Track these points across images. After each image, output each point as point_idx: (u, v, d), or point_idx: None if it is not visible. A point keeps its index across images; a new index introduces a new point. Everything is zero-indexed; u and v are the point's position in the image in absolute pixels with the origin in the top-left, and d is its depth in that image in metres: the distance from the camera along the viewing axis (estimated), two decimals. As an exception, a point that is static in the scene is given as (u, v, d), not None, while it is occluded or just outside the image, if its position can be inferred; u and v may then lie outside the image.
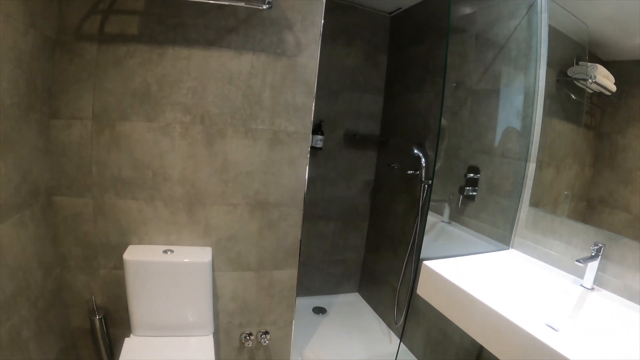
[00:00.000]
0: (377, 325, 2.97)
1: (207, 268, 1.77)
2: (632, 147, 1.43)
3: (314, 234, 3.08)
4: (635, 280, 1.33)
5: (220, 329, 2.03)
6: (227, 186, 1.87)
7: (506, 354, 1.18)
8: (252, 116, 1.83)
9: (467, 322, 1.35)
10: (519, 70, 1.85)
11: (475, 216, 2.00)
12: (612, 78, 1.48)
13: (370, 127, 3.08)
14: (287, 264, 2.08)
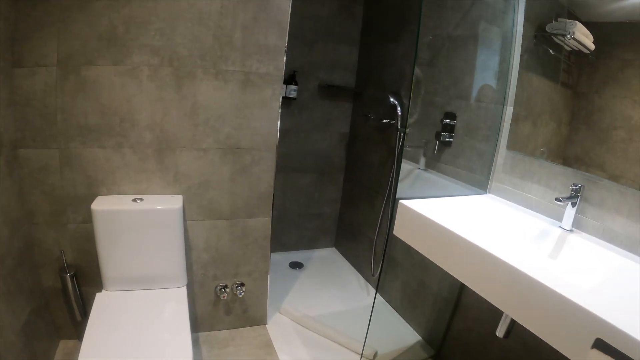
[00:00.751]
0: (354, 279, 3.17)
1: (177, 215, 1.86)
2: (608, 107, 1.55)
3: (288, 187, 3.22)
4: (614, 222, 1.49)
5: (195, 282, 2.16)
6: (198, 130, 1.95)
7: (487, 289, 1.29)
8: (222, 57, 1.90)
9: (445, 259, 1.46)
10: (496, 15, 1.96)
11: (451, 162, 2.15)
12: (590, 36, 1.59)
13: (345, 79, 3.19)
14: (260, 211, 2.20)
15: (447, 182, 2.17)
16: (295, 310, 2.57)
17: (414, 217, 1.59)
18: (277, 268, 3.11)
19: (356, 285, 3.09)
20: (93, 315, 1.63)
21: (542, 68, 1.84)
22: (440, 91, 2.24)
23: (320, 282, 3.06)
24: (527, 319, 1.14)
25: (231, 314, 2.33)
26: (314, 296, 2.85)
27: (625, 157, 1.48)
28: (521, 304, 1.16)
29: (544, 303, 1.07)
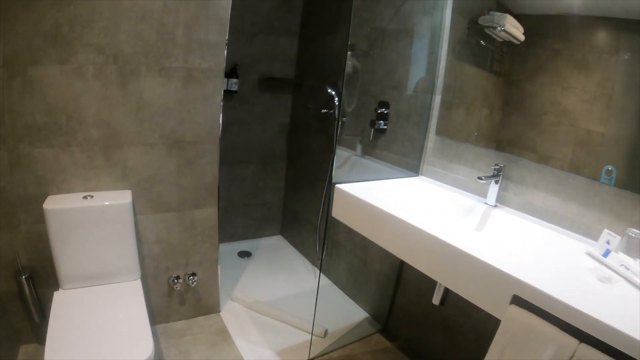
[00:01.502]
0: (301, 264, 3.31)
1: (127, 209, 1.92)
2: (539, 94, 1.70)
3: (233, 178, 3.29)
4: (534, 196, 1.69)
5: (148, 275, 2.21)
6: (143, 126, 2.00)
7: (417, 259, 1.45)
8: (165, 54, 1.96)
9: (379, 236, 1.61)
10: (427, 10, 2.12)
11: (386, 147, 2.32)
12: (521, 28, 1.74)
13: (285, 70, 3.29)
14: (207, 202, 2.28)
15: (382, 167, 2.33)
16: (247, 297, 2.67)
17: (350, 199, 1.72)
18: (227, 258, 3.19)
19: (303, 270, 3.24)
20: (53, 316, 1.65)
21: (475, 58, 1.99)
22: (375, 81, 2.39)
23: (269, 268, 3.18)
24: (455, 285, 1.30)
25: (185, 304, 2.40)
26: (263, 282, 2.97)
27: (554, 139, 1.64)
28: (449, 272, 1.31)
29: (468, 269, 1.23)
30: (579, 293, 1.06)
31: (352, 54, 2.35)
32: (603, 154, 1.50)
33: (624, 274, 1.20)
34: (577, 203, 1.55)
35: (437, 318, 2.19)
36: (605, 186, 1.46)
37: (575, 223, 1.55)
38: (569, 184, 1.57)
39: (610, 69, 1.48)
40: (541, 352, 1.04)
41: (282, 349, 2.29)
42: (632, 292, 1.13)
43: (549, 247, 1.43)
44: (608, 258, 1.27)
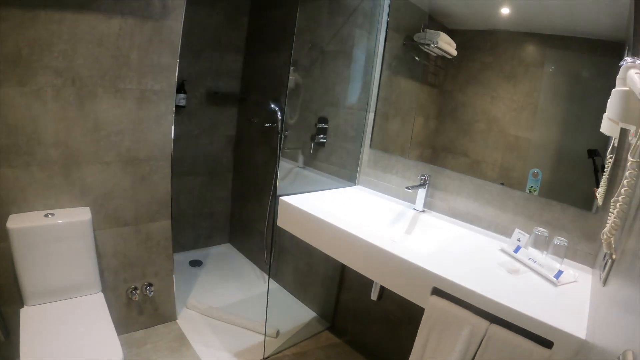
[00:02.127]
0: (250, 270, 3.46)
1: (87, 226, 2.00)
2: (470, 103, 1.88)
3: (182, 189, 3.38)
4: (456, 201, 1.92)
5: (107, 287, 2.27)
6: (100, 145, 2.08)
7: (353, 261, 1.63)
8: (120, 77, 2.06)
9: (320, 242, 1.78)
10: (363, 35, 2.32)
11: (326, 160, 2.51)
12: (453, 44, 1.93)
13: (230, 85, 3.44)
14: (161, 215, 2.39)
15: (322, 178, 2.52)
16: (201, 304, 2.79)
17: (293, 210, 1.89)
18: (179, 267, 3.28)
19: (253, 275, 3.38)
20: (23, 333, 1.69)
21: (410, 72, 2.17)
22: (315, 98, 2.58)
23: (220, 276, 3.30)
24: (386, 281, 1.52)
25: (144, 314, 2.48)
26: (216, 290, 3.08)
27: (485, 144, 1.83)
28: (380, 270, 1.52)
29: (396, 267, 1.44)
30: (489, 283, 1.29)
31: (294, 69, 2.53)
32: (530, 158, 1.70)
33: (531, 266, 1.45)
34: (493, 206, 1.80)
35: (378, 313, 2.41)
36: (517, 191, 1.70)
37: (492, 224, 1.80)
38: (486, 190, 1.81)
39: (536, 80, 1.67)
40: (459, 332, 1.26)
41: (239, 350, 2.43)
42: (536, 280, 1.37)
43: (467, 245, 1.67)
44: (518, 253, 1.52)
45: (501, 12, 1.79)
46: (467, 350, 1.24)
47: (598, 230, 1.47)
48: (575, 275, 1.40)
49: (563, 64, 1.63)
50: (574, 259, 1.55)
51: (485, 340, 1.20)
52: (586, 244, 1.52)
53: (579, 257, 1.54)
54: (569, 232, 1.56)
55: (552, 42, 1.64)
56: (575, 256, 1.55)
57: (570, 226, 1.56)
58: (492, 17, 1.81)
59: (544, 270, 1.40)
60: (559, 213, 1.59)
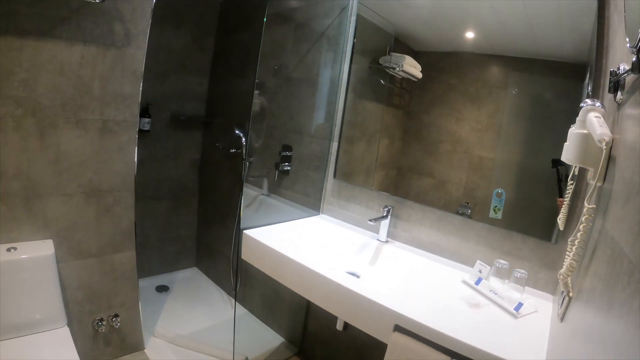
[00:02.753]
0: (218, 295, 3.42)
1: (50, 259, 1.95)
2: (435, 124, 1.92)
3: (147, 214, 3.32)
4: (419, 232, 1.95)
5: (73, 319, 2.21)
6: (62, 176, 2.04)
7: (315, 297, 1.64)
8: (82, 107, 2.03)
9: (283, 277, 1.78)
10: (327, 63, 2.35)
11: (290, 187, 2.52)
12: (418, 67, 1.96)
13: (196, 108, 3.42)
14: (125, 246, 2.35)
15: (286, 206, 2.53)
16: (168, 332, 2.74)
17: (257, 244, 1.88)
18: (145, 293, 3.22)
19: (220, 301, 3.34)
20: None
21: (376, 94, 2.20)
22: (279, 125, 2.60)
23: (187, 302, 3.25)
24: (349, 317, 1.52)
25: (111, 345, 2.42)
26: (183, 316, 3.04)
27: (450, 165, 1.87)
28: (343, 306, 1.52)
29: (358, 304, 1.45)
30: (450, 319, 1.33)
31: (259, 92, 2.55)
32: (494, 177, 1.75)
33: (492, 298, 1.50)
34: (456, 237, 1.84)
35: (345, 339, 2.42)
36: (479, 222, 1.75)
37: (455, 254, 1.84)
38: (448, 221, 1.86)
39: (499, 101, 1.73)
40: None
41: (208, 379, 2.40)
42: (496, 313, 1.42)
43: (429, 277, 1.70)
44: (479, 285, 1.57)
45: (466, 35, 1.84)
46: None
47: (558, 259, 1.54)
48: (536, 305, 1.45)
49: (526, 85, 1.69)
50: (536, 287, 1.60)
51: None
52: (547, 272, 1.58)
53: (540, 285, 1.60)
54: (530, 262, 1.62)
55: (516, 64, 1.70)
56: (536, 284, 1.60)
57: (531, 256, 1.62)
58: (457, 39, 1.86)
59: (504, 303, 1.44)
60: (519, 243, 1.65)
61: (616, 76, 0.91)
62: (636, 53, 0.74)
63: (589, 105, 0.98)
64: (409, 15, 2.07)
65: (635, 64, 0.74)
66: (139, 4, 2.08)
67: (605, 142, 0.84)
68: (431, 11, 1.98)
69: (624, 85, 0.92)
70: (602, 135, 0.85)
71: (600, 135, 0.85)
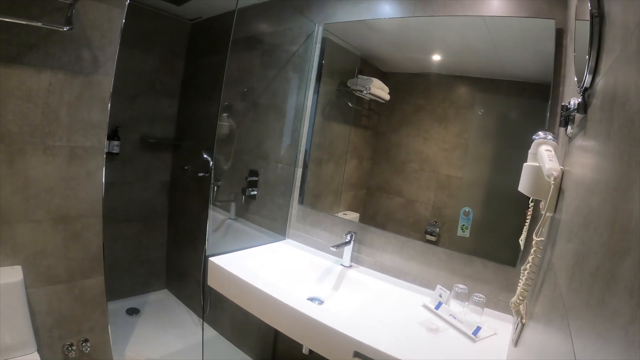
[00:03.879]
0: (188, 318, 3.44)
1: (19, 287, 1.96)
2: (403, 144, 1.97)
3: (117, 237, 3.34)
4: (382, 257, 2.01)
5: (43, 345, 2.20)
6: (30, 203, 2.05)
7: (279, 324, 1.67)
8: (50, 134, 2.05)
9: (247, 303, 1.80)
10: (293, 90, 2.42)
11: (257, 212, 2.58)
12: (386, 89, 2.02)
13: (165, 130, 3.46)
14: (94, 271, 2.36)
15: (253, 231, 2.57)
16: (139, 356, 2.75)
17: (222, 271, 1.91)
18: (115, 316, 3.22)
19: (191, 323, 3.37)
20: None
21: (344, 116, 2.25)
22: (247, 150, 2.65)
23: (158, 324, 3.26)
24: (310, 343, 1.57)
25: (80, 371, 2.42)
26: (154, 339, 3.04)
27: (418, 184, 1.92)
28: (305, 333, 1.57)
29: (318, 331, 1.49)
30: (409, 345, 1.38)
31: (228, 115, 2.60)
32: (462, 195, 1.81)
33: (451, 322, 1.56)
34: (417, 262, 1.91)
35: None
36: (439, 248, 1.82)
37: (417, 278, 1.91)
38: (410, 246, 1.93)
39: (467, 122, 1.79)
40: None
41: (178, 404, 2.41)
42: (455, 337, 1.48)
43: (391, 302, 1.75)
44: (439, 310, 1.63)
45: (433, 57, 1.92)
46: None
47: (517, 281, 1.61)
48: (495, 328, 1.52)
49: (492, 105, 1.76)
50: (496, 309, 1.68)
51: None
52: (507, 295, 1.66)
53: (501, 307, 1.67)
54: (490, 285, 1.69)
55: (482, 84, 1.77)
56: (497, 306, 1.68)
57: (491, 279, 1.70)
58: (424, 61, 1.93)
59: (463, 327, 1.50)
60: (480, 267, 1.73)
61: (567, 111, 0.95)
62: (582, 94, 0.80)
63: (540, 138, 1.03)
64: (377, 38, 2.14)
65: (581, 104, 0.80)
66: (107, 31, 2.12)
67: (554, 177, 0.88)
68: (398, 35, 2.05)
69: (574, 119, 0.95)
70: (550, 170, 0.90)
71: (549, 170, 0.90)
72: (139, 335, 3.07)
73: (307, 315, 1.51)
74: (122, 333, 3.02)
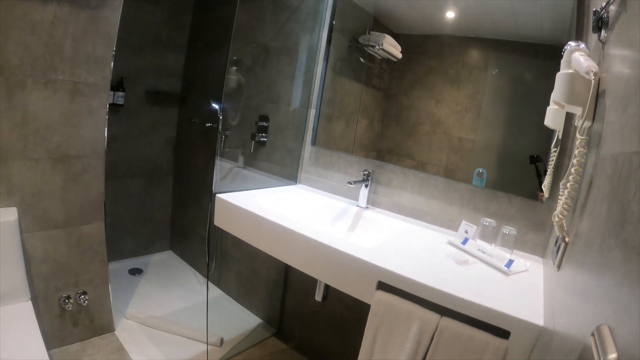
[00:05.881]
0: (193, 277, 3.38)
1: (14, 227, 1.89)
2: (415, 106, 1.93)
3: (119, 194, 3.27)
4: (401, 197, 1.95)
5: (38, 297, 2.14)
6: (28, 140, 1.97)
7: (293, 259, 1.59)
8: (52, 67, 1.96)
9: (257, 239, 1.73)
10: (305, 32, 2.33)
11: (266, 159, 2.51)
12: (398, 47, 1.97)
13: (171, 84, 3.37)
14: (93, 217, 2.29)
15: (263, 177, 2.51)
16: (141, 313, 2.68)
17: (230, 207, 1.84)
18: (117, 276, 3.16)
19: (195, 283, 3.30)
20: None
21: (355, 73, 2.20)
22: (256, 96, 2.58)
23: (161, 284, 3.20)
24: (329, 278, 1.48)
25: (79, 325, 2.35)
26: (156, 298, 2.98)
27: (430, 146, 1.88)
28: (322, 267, 1.49)
29: (338, 263, 1.41)
30: (437, 274, 1.29)
31: (237, 69, 2.52)
32: (474, 158, 1.76)
33: (480, 257, 1.47)
34: (439, 200, 1.83)
35: (324, 315, 2.40)
36: (462, 184, 1.75)
37: (438, 218, 1.84)
38: (431, 184, 1.86)
39: (479, 83, 1.74)
40: (408, 329, 1.24)
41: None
42: (486, 270, 1.39)
43: (413, 239, 1.67)
44: (467, 245, 1.55)
45: (446, 17, 1.85)
46: (419, 347, 1.22)
47: (546, 219, 1.53)
48: (526, 265, 1.43)
49: (506, 67, 1.71)
50: (524, 250, 1.59)
51: (437, 335, 1.18)
52: (535, 235, 1.57)
53: (529, 248, 1.59)
54: (517, 223, 1.60)
55: (496, 46, 1.71)
56: (524, 247, 1.59)
57: (518, 216, 1.61)
58: (437, 21, 1.88)
59: (493, 261, 1.42)
60: (506, 204, 1.64)
61: (599, 13, 0.92)
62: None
63: (572, 46, 0.97)
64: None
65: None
66: (115, -35, 2.03)
67: (593, 73, 0.83)
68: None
69: (608, 21, 0.92)
70: (589, 67, 0.85)
71: (587, 67, 0.85)
72: (141, 294, 3.01)
73: (326, 245, 1.43)
74: (124, 292, 2.97)
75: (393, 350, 1.29)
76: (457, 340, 1.15)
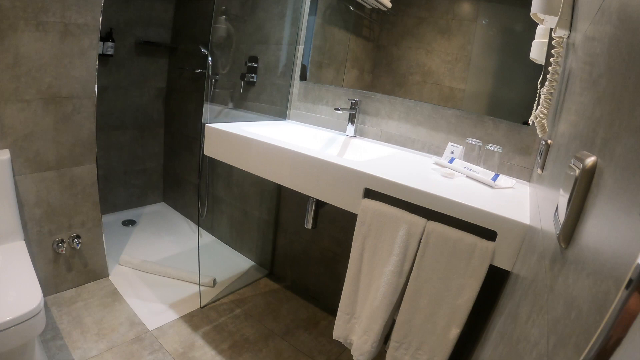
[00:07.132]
0: (185, 225, 3.47)
1: (5, 167, 1.93)
2: (405, 57, 1.96)
3: (111, 145, 3.30)
4: (388, 125, 2.01)
5: (32, 241, 2.20)
6: (20, 82, 1.99)
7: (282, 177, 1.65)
8: (43, 9, 1.97)
9: (246, 162, 1.79)
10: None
11: (256, 99, 2.57)
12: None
13: (161, 35, 3.37)
14: (85, 158, 2.33)
15: (252, 116, 2.59)
16: (134, 259, 2.76)
17: (220, 134, 1.90)
18: (111, 227, 3.24)
19: (188, 231, 3.40)
20: None
21: (344, 22, 2.20)
22: (245, 38, 2.61)
23: (154, 233, 3.28)
24: (316, 192, 1.54)
25: (73, 270, 2.42)
26: (150, 246, 3.07)
27: (420, 96, 1.91)
28: (310, 181, 1.55)
29: (325, 174, 1.48)
30: (424, 183, 1.33)
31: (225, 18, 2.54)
32: (464, 107, 1.80)
33: (467, 173, 1.53)
34: (425, 127, 1.90)
35: (315, 252, 2.50)
36: (449, 110, 1.82)
37: (425, 145, 1.91)
38: (417, 111, 1.92)
39: (470, 33, 1.76)
40: (395, 234, 1.30)
41: (174, 301, 2.43)
42: (472, 184, 1.44)
43: (401, 160, 1.72)
44: (453, 164, 1.60)
45: None
46: (407, 251, 1.28)
47: (532, 142, 1.59)
48: (512, 182, 1.49)
49: (496, 17, 1.72)
50: (510, 174, 1.66)
51: (424, 238, 1.23)
52: (521, 158, 1.64)
53: (515, 172, 1.66)
54: (503, 147, 1.67)
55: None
56: (511, 171, 1.66)
57: (504, 141, 1.67)
58: None
59: (480, 176, 1.48)
60: (491, 129, 1.70)
61: None
62: None
63: None
64: None
65: None
66: None
67: None
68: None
69: None
70: None
71: None
72: (134, 242, 3.09)
73: (314, 157, 1.50)
74: (117, 241, 3.04)
75: (382, 257, 1.35)
76: (444, 244, 1.20)
